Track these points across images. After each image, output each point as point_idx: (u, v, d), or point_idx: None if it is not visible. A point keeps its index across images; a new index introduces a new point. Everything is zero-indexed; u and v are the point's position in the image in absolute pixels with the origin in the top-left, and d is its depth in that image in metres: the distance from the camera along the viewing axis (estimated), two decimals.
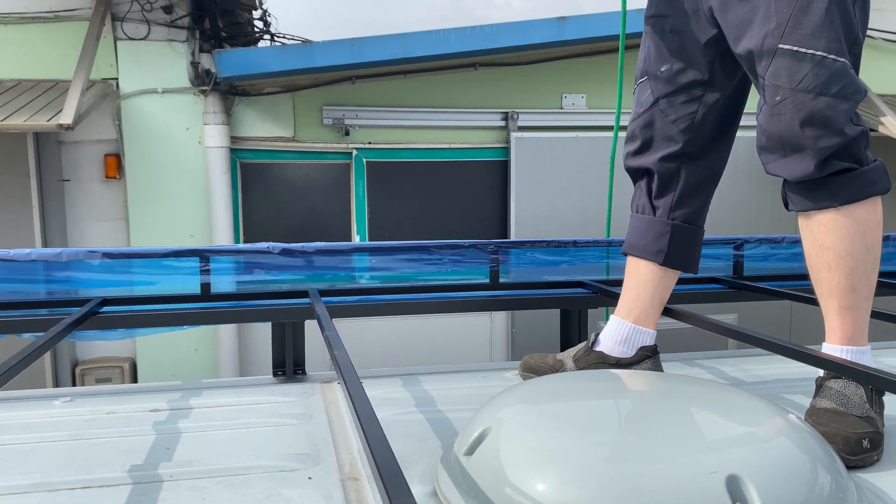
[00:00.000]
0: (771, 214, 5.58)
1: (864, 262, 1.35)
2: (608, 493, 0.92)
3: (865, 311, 1.38)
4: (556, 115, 5.27)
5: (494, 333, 5.27)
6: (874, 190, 1.35)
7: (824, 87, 1.30)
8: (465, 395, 1.70)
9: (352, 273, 2.13)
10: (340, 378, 1.13)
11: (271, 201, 5.09)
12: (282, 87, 4.88)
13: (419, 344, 4.90)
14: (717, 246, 2.30)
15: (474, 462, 1.07)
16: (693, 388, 1.22)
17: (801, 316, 5.40)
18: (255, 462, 1.27)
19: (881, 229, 1.37)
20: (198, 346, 4.89)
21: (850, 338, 1.37)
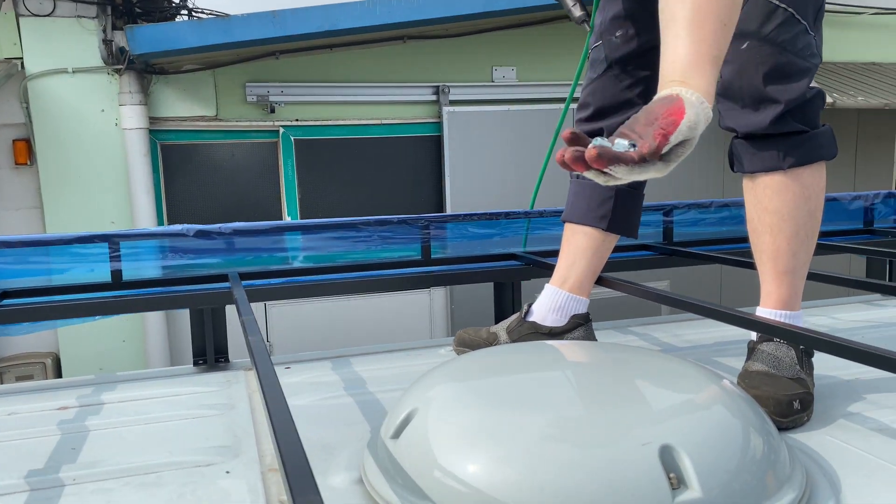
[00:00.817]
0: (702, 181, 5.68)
1: (805, 228, 1.35)
2: (540, 471, 0.88)
3: (802, 277, 1.38)
4: (487, 89, 5.21)
5: (434, 309, 5.23)
6: (822, 154, 1.35)
7: (791, 43, 1.29)
8: (397, 374, 1.64)
9: (276, 254, 2.03)
10: (253, 364, 1.05)
11: (196, 184, 4.89)
12: (201, 63, 4.67)
13: (358, 324, 4.83)
14: (647, 213, 2.29)
15: (401, 445, 1.01)
16: (625, 357, 1.19)
17: (731, 281, 5.54)
18: (168, 458, 1.18)
19: (823, 196, 1.38)
20: (125, 338, 4.69)
21: (786, 302, 1.37)
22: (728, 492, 0.88)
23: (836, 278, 1.66)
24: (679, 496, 0.85)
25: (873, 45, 6.24)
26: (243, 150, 4.97)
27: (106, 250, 1.78)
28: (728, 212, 2.33)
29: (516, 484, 0.88)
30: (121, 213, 4.65)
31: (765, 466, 0.94)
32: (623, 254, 2.16)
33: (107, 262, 1.79)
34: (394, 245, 2.17)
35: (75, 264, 1.80)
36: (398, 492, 0.96)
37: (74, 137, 4.59)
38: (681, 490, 0.86)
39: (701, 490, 0.86)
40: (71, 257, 1.79)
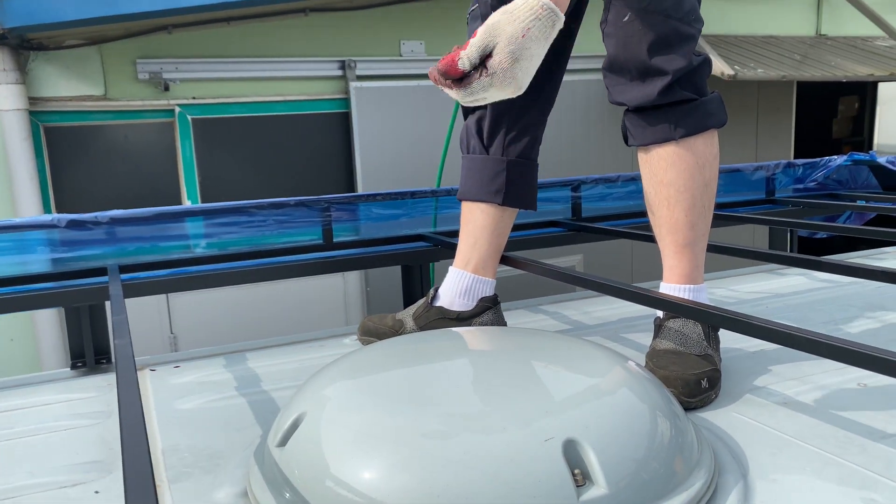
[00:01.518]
0: (609, 156, 5.75)
1: (702, 199, 1.33)
2: (436, 475, 0.80)
3: (703, 250, 1.37)
4: (395, 64, 5.08)
5: (348, 294, 5.11)
6: (713, 122, 1.33)
7: (674, 9, 1.26)
8: (295, 369, 1.54)
9: (162, 243, 1.88)
10: (115, 370, 0.93)
11: (86, 168, 4.57)
12: (86, 38, 4.33)
13: (268, 313, 4.65)
14: (555, 189, 2.25)
15: (287, 454, 0.92)
16: (529, 343, 1.13)
17: (642, 255, 5.65)
18: (28, 480, 1.05)
19: (718, 164, 1.36)
20: (13, 336, 4.37)
21: (689, 276, 1.35)
22: (636, 484, 0.83)
23: (738, 250, 1.66)
24: (584, 494, 0.80)
25: (772, 18, 6.44)
26: (137, 131, 4.67)
27: None
28: (635, 185, 2.32)
29: (412, 490, 0.80)
30: (1, 202, 4.29)
31: (673, 453, 0.90)
32: (531, 231, 2.12)
33: None
34: (293, 229, 2.05)
35: None
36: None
37: None
38: (586, 487, 0.81)
39: (607, 486, 0.80)
40: None
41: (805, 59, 5.81)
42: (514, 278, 1.89)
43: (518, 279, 2.04)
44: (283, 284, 4.56)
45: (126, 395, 0.80)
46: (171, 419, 1.29)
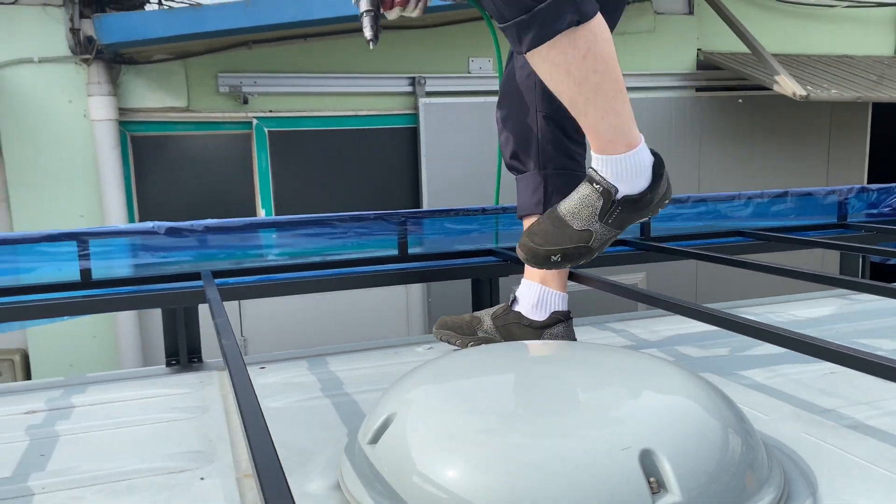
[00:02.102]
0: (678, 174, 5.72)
1: (582, 94, 1.32)
2: (519, 477, 0.87)
3: (612, 126, 1.35)
4: (463, 80, 5.18)
5: (410, 305, 5.21)
6: (558, 27, 1.26)
7: None
8: (374, 374, 1.62)
9: (249, 251, 2.00)
10: (227, 368, 1.03)
11: (168, 177, 4.81)
12: (172, 53, 4.58)
13: (334, 320, 4.79)
14: None
15: (379, 451, 1.00)
16: (604, 358, 1.18)
17: (707, 276, 5.59)
18: (140, 465, 1.16)
19: (595, 57, 1.29)
20: (95, 334, 4.61)
21: (603, 148, 1.38)
22: (708, 494, 0.88)
23: (808, 274, 1.67)
24: (659, 500, 0.85)
25: (846, 37, 6.31)
26: (216, 142, 4.89)
27: (75, 249, 1.74)
28: (705, 206, 2.34)
29: (495, 490, 0.87)
30: (90, 207, 4.55)
31: (744, 467, 0.94)
32: None
33: (76, 260, 1.75)
34: (370, 241, 2.15)
35: (43, 263, 1.75)
36: (376, 499, 0.94)
37: (41, 129, 4.48)
38: (661, 494, 0.86)
39: (681, 494, 0.85)
40: (39, 256, 1.75)
41: (882, 79, 5.67)
42: (581, 293, 1.94)
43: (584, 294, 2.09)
44: (348, 294, 4.69)
45: (242, 391, 0.89)
46: None
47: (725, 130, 5.90)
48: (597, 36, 1.29)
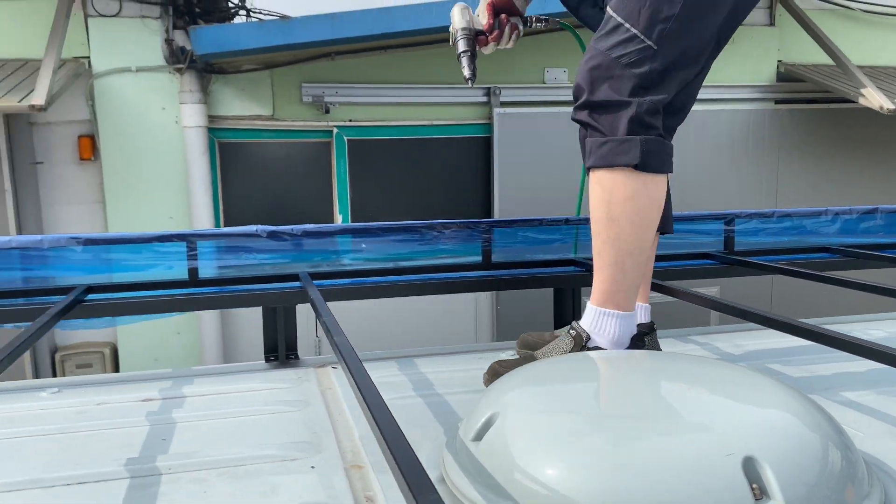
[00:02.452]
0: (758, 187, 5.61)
1: (607, 231, 1.38)
2: (623, 477, 0.91)
3: (613, 279, 1.41)
4: (538, 90, 5.23)
5: (479, 312, 5.27)
6: (617, 160, 1.35)
7: (612, 49, 1.36)
8: (463, 377, 1.68)
9: (339, 255, 2.09)
10: (343, 364, 1.10)
11: (251, 182, 5.00)
12: (260, 64, 4.78)
13: (403, 325, 4.88)
14: (708, 222, 2.29)
15: (483, 448, 1.05)
16: (699, 367, 1.21)
17: (784, 291, 5.46)
18: (255, 452, 1.24)
19: (634, 206, 1.36)
20: (180, 330, 4.83)
21: (597, 297, 1.43)
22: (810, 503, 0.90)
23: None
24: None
25: None
26: (297, 150, 5.07)
27: (184, 249, 1.86)
28: (791, 222, 2.31)
29: (598, 490, 0.90)
30: (179, 209, 4.78)
31: (844, 480, 0.96)
32: (682, 263, 2.17)
33: (184, 259, 1.87)
34: (452, 247, 2.21)
35: (155, 262, 1.88)
36: (482, 492, 1.00)
37: (136, 134, 4.74)
38: (763, 501, 0.88)
39: (784, 501, 0.88)
40: (151, 255, 1.87)
41: None
42: (656, 307, 1.95)
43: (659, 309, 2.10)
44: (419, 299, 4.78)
45: (364, 385, 0.95)
46: (360, 411, 1.45)
47: (805, 144, 5.76)
48: (647, 190, 1.37)
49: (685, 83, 1.44)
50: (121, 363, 4.91)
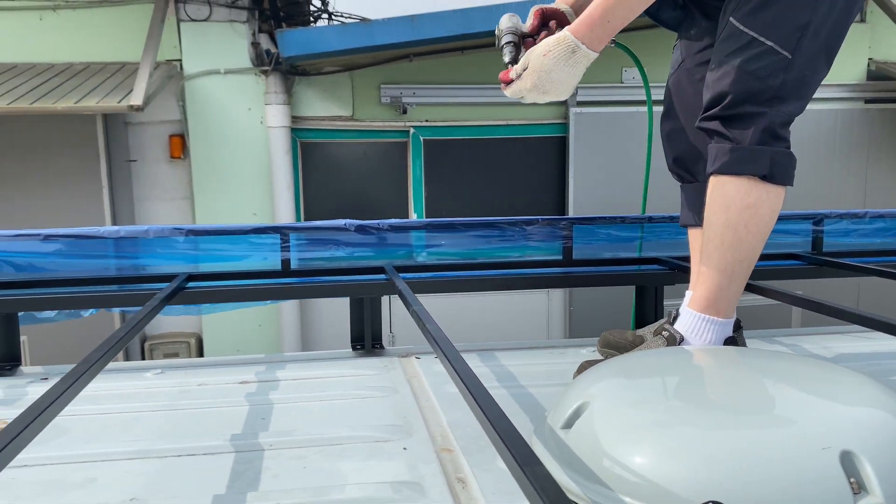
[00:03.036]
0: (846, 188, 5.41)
1: (721, 237, 1.38)
2: (716, 468, 0.92)
3: (719, 285, 1.40)
4: (615, 90, 5.18)
5: (552, 310, 5.26)
6: (744, 169, 1.36)
7: (746, 63, 1.35)
8: (545, 371, 1.71)
9: (421, 250, 2.14)
10: (438, 351, 1.14)
11: (330, 180, 5.14)
12: (341, 66, 4.91)
13: (476, 323, 4.92)
14: (796, 221, 2.24)
15: (573, 436, 1.08)
16: (791, 363, 1.20)
17: (870, 295, 5.24)
18: (350, 433, 1.30)
19: (754, 215, 1.36)
20: (261, 323, 5.01)
21: (699, 303, 1.43)
22: None
23: None
24: (860, 501, 0.87)
25: None
26: (375, 150, 5.18)
27: (277, 240, 1.94)
28: (884, 223, 2.24)
29: (691, 479, 0.91)
30: (262, 206, 4.96)
31: None
32: (770, 262, 2.13)
33: (277, 251, 1.95)
34: (532, 244, 2.23)
35: (250, 252, 1.97)
36: (573, 477, 1.02)
37: (223, 134, 4.94)
38: (862, 495, 0.88)
39: (883, 496, 0.87)
40: (246, 246, 1.97)
41: None
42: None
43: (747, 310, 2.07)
44: (491, 296, 4.81)
45: (461, 369, 0.99)
46: (446, 399, 1.50)
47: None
48: (769, 200, 1.38)
49: (816, 89, 1.44)
50: (205, 353, 5.13)
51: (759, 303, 2.09)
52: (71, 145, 4.84)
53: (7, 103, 4.09)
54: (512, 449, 0.73)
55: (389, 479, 1.11)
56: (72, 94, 4.26)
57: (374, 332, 1.89)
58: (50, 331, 2.74)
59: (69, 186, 4.86)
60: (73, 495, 1.08)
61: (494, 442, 0.79)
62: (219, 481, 1.11)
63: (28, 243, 1.85)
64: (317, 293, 1.90)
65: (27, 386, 1.64)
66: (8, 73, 4.72)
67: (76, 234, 1.88)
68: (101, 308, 1.89)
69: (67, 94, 4.28)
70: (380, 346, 1.89)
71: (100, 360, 1.12)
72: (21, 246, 1.85)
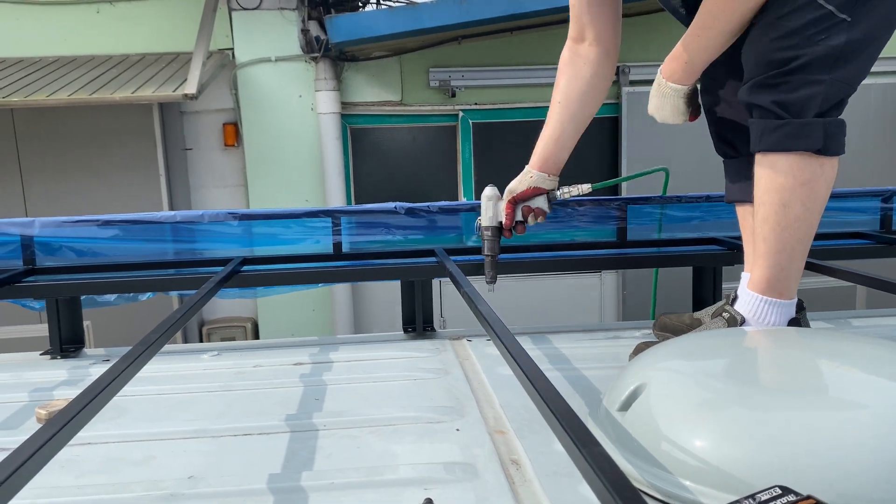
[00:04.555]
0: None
1: (777, 216, 1.31)
2: (776, 450, 0.88)
3: (780, 266, 1.35)
4: None
5: (604, 294, 5.19)
6: (797, 145, 1.28)
7: (805, 27, 1.26)
8: (599, 354, 1.68)
9: (471, 232, 2.12)
10: (492, 333, 1.13)
11: (380, 165, 5.16)
12: (389, 50, 4.90)
13: (527, 304, 4.89)
14: (863, 199, 2.15)
15: (630, 418, 1.05)
16: (857, 345, 1.15)
17: None
18: (402, 413, 1.30)
19: (811, 191, 1.30)
20: (315, 307, 5.08)
21: (759, 285, 1.37)
22: None
23: None
24: None
25: None
26: (424, 134, 5.17)
27: (329, 224, 1.95)
28: None
29: (750, 461, 0.88)
30: (314, 191, 5.01)
31: None
32: (834, 242, 2.05)
33: (329, 235, 1.96)
34: (587, 226, 2.19)
35: (302, 236, 1.99)
36: (630, 459, 1.00)
37: (275, 121, 5.00)
38: None
39: None
40: (299, 229, 1.98)
41: None
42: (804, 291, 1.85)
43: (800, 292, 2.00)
44: (544, 279, 4.77)
45: (518, 353, 0.98)
46: (499, 382, 1.48)
47: None
48: (824, 174, 1.32)
49: (877, 57, 1.36)
50: (260, 337, 5.23)
51: (822, 284, 2.02)
52: (129, 134, 4.97)
53: (68, 94, 4.21)
54: (569, 429, 0.71)
55: (443, 459, 1.11)
56: (129, 85, 4.37)
57: (426, 314, 1.89)
58: (114, 315, 2.83)
59: (128, 174, 4.99)
60: (133, 472, 1.10)
61: (550, 423, 0.78)
62: (273, 460, 1.12)
63: (88, 229, 1.90)
64: (368, 276, 1.91)
65: (90, 367, 1.69)
66: (69, 66, 4.87)
67: (134, 220, 1.92)
68: (159, 292, 1.93)
69: (125, 84, 4.39)
70: (431, 329, 1.89)
71: (156, 342, 1.14)
72: (82, 232, 1.90)
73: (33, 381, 1.58)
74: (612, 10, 1.71)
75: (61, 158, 4.97)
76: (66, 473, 1.10)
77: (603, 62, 1.73)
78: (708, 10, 1.36)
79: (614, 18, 1.72)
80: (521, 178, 1.79)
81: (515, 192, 1.77)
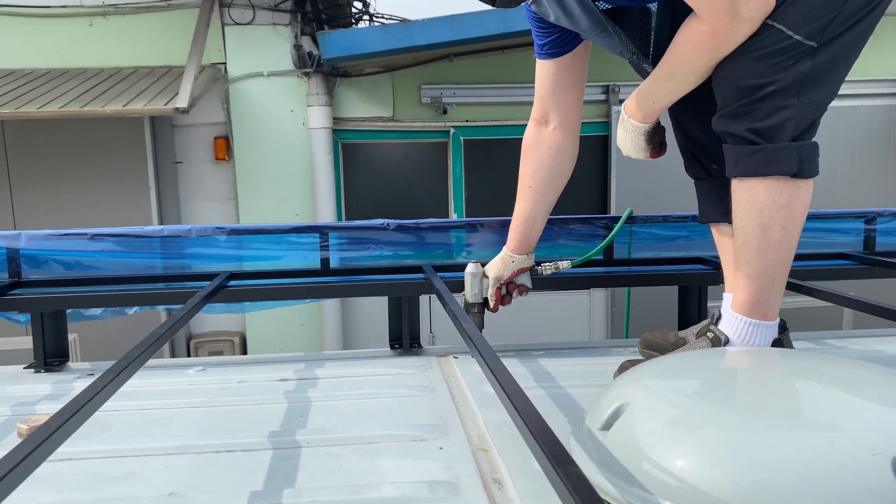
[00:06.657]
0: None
1: (758, 241, 1.33)
2: (761, 472, 0.89)
3: (761, 289, 1.37)
4: None
5: (593, 311, 5.20)
6: (773, 169, 1.31)
7: (770, 54, 1.28)
8: (584, 371, 1.68)
9: (460, 249, 2.13)
10: (475, 350, 1.13)
11: (371, 181, 5.17)
12: (381, 67, 4.93)
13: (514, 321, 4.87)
14: (846, 220, 2.17)
15: (611, 437, 1.05)
16: (839, 366, 1.16)
17: None
18: (385, 431, 1.30)
19: (789, 214, 1.32)
20: (303, 322, 5.06)
21: (742, 306, 1.39)
22: None
23: None
24: None
25: None
26: (415, 150, 5.19)
27: (317, 240, 1.96)
28: None
29: (733, 483, 0.88)
30: (304, 206, 5.01)
31: None
32: (819, 262, 2.07)
33: (317, 250, 1.97)
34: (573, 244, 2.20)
35: (290, 251, 1.99)
36: (611, 479, 1.00)
37: (267, 135, 5.01)
38: None
39: None
40: (286, 245, 1.99)
41: None
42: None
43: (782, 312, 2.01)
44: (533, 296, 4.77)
45: (499, 370, 0.98)
46: (483, 399, 1.49)
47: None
48: (801, 196, 1.34)
49: (844, 78, 1.38)
50: (248, 351, 5.20)
51: (807, 304, 2.03)
52: (120, 148, 4.97)
53: (59, 107, 4.21)
54: (546, 449, 0.71)
55: (425, 478, 1.10)
56: (120, 98, 4.37)
57: (413, 331, 1.89)
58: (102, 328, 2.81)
59: (118, 187, 4.98)
60: (115, 489, 1.09)
61: (528, 442, 0.78)
62: (256, 478, 1.12)
63: (76, 242, 1.90)
64: (355, 292, 1.91)
65: (74, 381, 1.68)
66: (61, 78, 4.87)
67: (122, 234, 1.92)
68: (145, 306, 1.93)
69: (116, 97, 4.39)
70: (418, 346, 1.89)
71: (140, 357, 1.14)
72: (68, 245, 1.90)
73: (16, 395, 1.57)
74: (577, 93, 1.77)
75: (51, 171, 4.96)
76: (46, 489, 1.09)
77: (567, 144, 1.83)
78: (677, 62, 1.38)
79: (578, 99, 1.79)
80: (503, 264, 1.83)
81: (502, 278, 1.82)
